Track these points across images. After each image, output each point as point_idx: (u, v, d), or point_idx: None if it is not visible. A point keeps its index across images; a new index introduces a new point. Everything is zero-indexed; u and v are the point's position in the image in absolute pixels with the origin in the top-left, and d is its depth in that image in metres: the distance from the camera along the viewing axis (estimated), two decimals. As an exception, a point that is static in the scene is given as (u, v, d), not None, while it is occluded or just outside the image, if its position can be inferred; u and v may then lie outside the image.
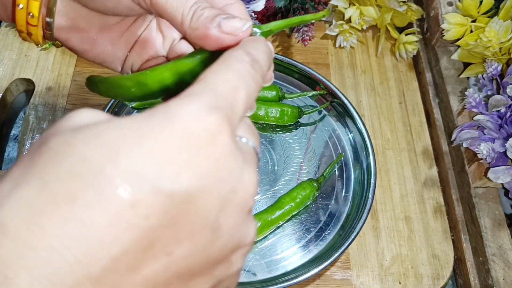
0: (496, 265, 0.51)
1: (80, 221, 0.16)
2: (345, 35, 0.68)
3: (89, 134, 0.17)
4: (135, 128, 0.18)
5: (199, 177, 0.18)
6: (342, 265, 0.53)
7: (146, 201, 0.17)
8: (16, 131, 0.63)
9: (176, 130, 0.18)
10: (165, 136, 0.18)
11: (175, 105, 0.19)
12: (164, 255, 0.18)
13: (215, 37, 0.26)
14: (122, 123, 0.18)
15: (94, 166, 0.17)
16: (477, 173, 0.54)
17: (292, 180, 0.56)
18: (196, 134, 0.18)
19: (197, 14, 0.27)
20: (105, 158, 0.17)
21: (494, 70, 0.55)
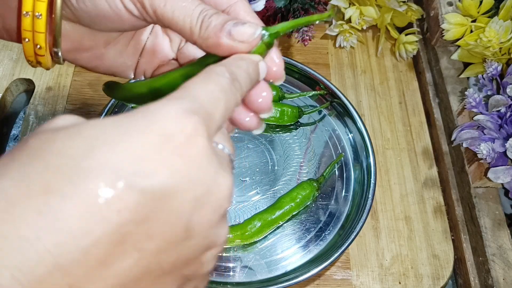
0: (496, 265, 0.51)
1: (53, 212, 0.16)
2: (345, 35, 0.68)
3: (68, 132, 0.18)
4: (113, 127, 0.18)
5: (174, 176, 0.19)
6: (342, 265, 0.53)
7: (119, 196, 0.17)
8: (16, 131, 0.63)
9: (153, 129, 0.19)
10: (142, 134, 0.18)
11: (154, 106, 0.19)
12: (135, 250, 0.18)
13: (227, 46, 0.26)
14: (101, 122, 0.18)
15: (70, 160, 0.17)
16: (477, 173, 0.54)
17: (292, 180, 0.56)
18: (173, 135, 0.19)
19: (205, 23, 0.27)
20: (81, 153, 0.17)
21: (494, 70, 0.55)
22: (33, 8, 0.26)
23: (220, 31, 0.26)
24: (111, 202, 0.17)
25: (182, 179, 0.19)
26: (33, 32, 0.27)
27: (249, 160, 0.57)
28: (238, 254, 0.51)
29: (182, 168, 0.19)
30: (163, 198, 0.18)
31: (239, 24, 0.26)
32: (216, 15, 0.27)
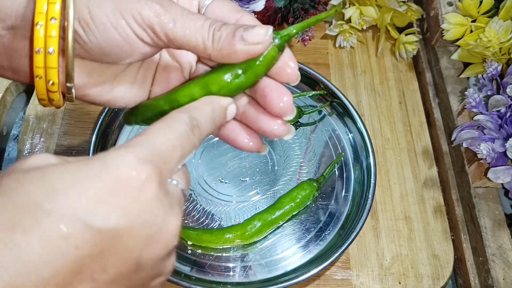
0: (496, 265, 0.51)
1: (17, 245, 0.19)
2: (345, 35, 0.68)
3: (36, 175, 0.21)
4: (75, 172, 0.21)
5: (127, 217, 0.21)
6: (342, 265, 0.53)
7: (77, 233, 0.20)
8: (16, 131, 0.63)
9: (110, 176, 0.21)
10: (99, 180, 0.21)
11: (113, 154, 0.22)
12: (91, 281, 0.21)
13: (243, 51, 0.27)
14: (65, 167, 0.21)
15: (35, 200, 0.20)
16: (477, 173, 0.54)
17: (292, 180, 0.56)
18: (127, 181, 0.21)
19: (216, 35, 0.28)
20: (46, 195, 0.20)
21: (494, 70, 0.55)
22: (45, 44, 0.27)
23: (233, 38, 0.27)
24: (69, 238, 0.19)
25: (135, 220, 0.21)
26: (46, 68, 0.27)
27: (249, 160, 0.57)
28: (238, 254, 0.51)
29: (135, 211, 0.21)
30: (116, 236, 0.21)
31: (249, 28, 0.27)
32: (225, 26, 0.28)
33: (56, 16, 0.26)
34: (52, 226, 0.19)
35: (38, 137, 0.58)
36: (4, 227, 0.19)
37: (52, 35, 0.26)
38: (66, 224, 0.20)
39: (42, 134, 0.59)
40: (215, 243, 0.50)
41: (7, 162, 0.60)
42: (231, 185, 0.56)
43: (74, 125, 0.59)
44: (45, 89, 0.28)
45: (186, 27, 0.28)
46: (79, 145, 0.58)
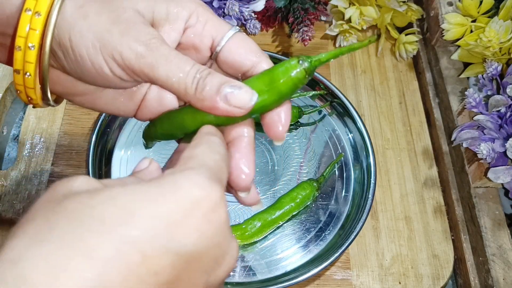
0: (496, 265, 0.51)
1: (97, 275, 0.18)
2: (345, 35, 0.68)
3: (105, 197, 0.20)
4: (147, 193, 0.20)
5: (202, 240, 0.21)
6: (342, 265, 0.53)
7: (156, 259, 0.19)
8: (16, 131, 0.63)
9: (184, 197, 0.21)
10: (173, 201, 0.20)
11: (181, 176, 0.21)
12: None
13: (223, 110, 0.27)
14: (134, 188, 0.20)
15: (111, 226, 0.19)
16: (477, 173, 0.54)
17: (292, 180, 0.56)
18: (201, 201, 0.21)
19: (200, 85, 0.27)
20: (121, 219, 0.19)
21: (494, 70, 0.55)
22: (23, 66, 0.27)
23: (216, 94, 0.26)
24: (148, 265, 0.19)
25: (209, 242, 0.21)
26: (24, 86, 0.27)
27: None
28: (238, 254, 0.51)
29: (209, 233, 0.21)
30: (192, 259, 0.20)
31: (236, 88, 0.26)
32: (211, 77, 0.27)
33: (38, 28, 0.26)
34: (131, 252, 0.18)
35: (38, 137, 0.58)
36: (82, 256, 0.18)
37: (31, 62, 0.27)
38: (145, 250, 0.19)
39: (42, 134, 0.59)
40: (215, 243, 0.50)
41: (7, 162, 0.60)
42: (231, 185, 0.56)
43: (74, 125, 0.59)
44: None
45: (169, 71, 0.27)
46: (79, 145, 0.58)
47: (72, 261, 0.17)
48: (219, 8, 0.60)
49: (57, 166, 0.57)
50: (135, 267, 0.18)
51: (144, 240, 0.19)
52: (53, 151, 0.57)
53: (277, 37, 0.70)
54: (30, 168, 0.56)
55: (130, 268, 0.18)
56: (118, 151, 0.57)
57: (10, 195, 0.54)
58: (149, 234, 0.19)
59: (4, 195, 0.54)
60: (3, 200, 0.54)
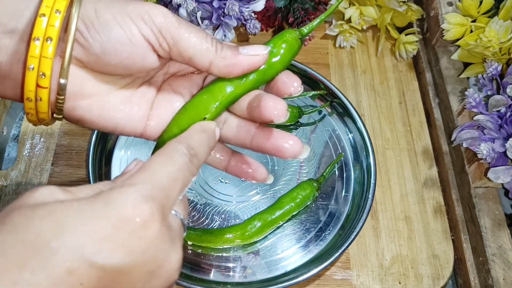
0: (496, 265, 0.51)
1: (27, 283, 0.19)
2: (345, 35, 0.68)
3: (44, 212, 0.21)
4: (81, 210, 0.22)
5: (131, 255, 0.22)
6: (342, 265, 0.53)
7: (82, 271, 0.21)
8: (16, 131, 0.63)
9: (114, 214, 0.22)
10: (104, 218, 0.22)
11: (116, 193, 0.23)
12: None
13: (247, 61, 0.29)
14: (71, 205, 0.22)
15: (44, 239, 0.20)
16: (477, 173, 0.54)
17: (292, 180, 0.56)
18: (131, 220, 0.22)
19: (219, 46, 0.29)
20: (53, 233, 0.21)
21: (494, 70, 0.55)
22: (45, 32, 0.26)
23: (237, 49, 0.29)
24: (75, 275, 0.20)
25: (138, 257, 0.22)
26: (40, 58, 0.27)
27: (249, 160, 0.57)
28: (238, 254, 0.51)
29: (138, 248, 0.22)
30: (121, 273, 0.22)
31: (250, 46, 0.30)
32: (226, 43, 0.30)
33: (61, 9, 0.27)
34: (59, 264, 0.20)
35: (38, 137, 0.58)
36: (14, 265, 0.20)
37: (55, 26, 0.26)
38: (72, 262, 0.20)
39: (42, 134, 0.59)
40: (215, 243, 0.50)
41: (7, 162, 0.60)
42: (231, 185, 0.56)
43: (74, 125, 0.59)
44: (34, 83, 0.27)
45: (192, 32, 0.29)
46: (79, 145, 0.58)
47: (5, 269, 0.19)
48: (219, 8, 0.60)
49: (57, 166, 0.57)
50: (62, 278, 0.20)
51: (71, 253, 0.20)
52: (53, 151, 0.57)
53: (277, 37, 0.70)
54: (30, 168, 0.56)
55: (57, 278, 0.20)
56: (118, 151, 0.57)
57: (10, 195, 0.54)
58: (77, 249, 0.21)
59: (4, 195, 0.54)
60: (3, 200, 0.54)
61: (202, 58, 0.29)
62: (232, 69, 0.29)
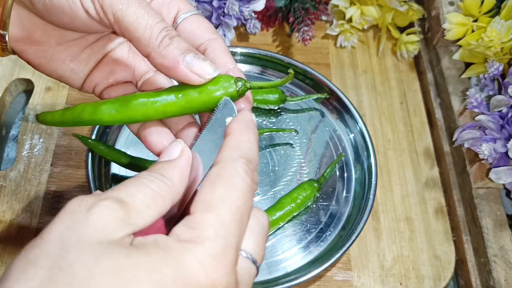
0: (497, 266, 0.51)
1: None
2: (346, 35, 0.67)
3: (108, 268, 0.19)
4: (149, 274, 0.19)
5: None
6: (343, 266, 0.53)
7: None
8: (16, 131, 0.62)
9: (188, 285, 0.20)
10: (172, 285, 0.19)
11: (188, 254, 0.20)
12: None
13: (183, 73, 0.27)
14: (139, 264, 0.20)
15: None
16: (478, 173, 0.54)
17: (293, 180, 0.56)
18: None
19: (165, 41, 0.27)
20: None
21: (496, 70, 0.54)
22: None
23: (180, 55, 0.27)
24: None
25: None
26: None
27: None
28: (238, 255, 0.51)
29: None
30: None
31: (200, 58, 0.27)
32: (178, 39, 0.27)
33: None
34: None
35: (38, 138, 0.58)
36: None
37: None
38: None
39: (41, 135, 0.58)
40: (215, 244, 0.50)
41: (6, 162, 0.60)
42: (232, 185, 0.55)
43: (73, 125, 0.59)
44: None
45: (138, 14, 0.26)
46: (78, 145, 0.58)
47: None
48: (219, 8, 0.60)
49: (56, 166, 0.56)
50: None
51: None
52: (52, 151, 0.57)
53: (277, 37, 0.70)
54: (29, 168, 0.56)
55: None
56: (117, 151, 0.57)
57: (9, 195, 0.54)
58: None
59: (3, 196, 0.54)
60: (2, 200, 0.53)
61: (141, 47, 0.27)
62: (167, 71, 0.28)
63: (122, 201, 0.22)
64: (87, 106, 0.31)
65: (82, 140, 0.54)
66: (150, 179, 0.23)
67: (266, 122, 0.60)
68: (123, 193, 0.22)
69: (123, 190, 0.22)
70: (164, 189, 0.23)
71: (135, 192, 0.22)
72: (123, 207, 0.22)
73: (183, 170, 0.25)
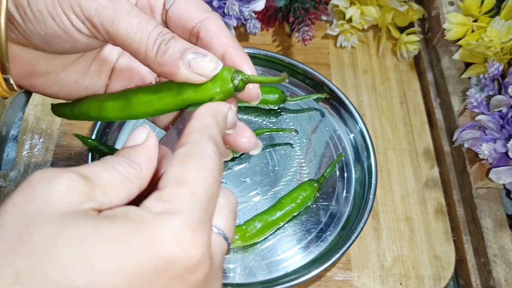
0: (497, 266, 0.51)
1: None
2: (346, 35, 0.67)
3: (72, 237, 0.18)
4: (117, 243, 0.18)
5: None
6: (343, 266, 0.53)
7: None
8: (15, 131, 0.62)
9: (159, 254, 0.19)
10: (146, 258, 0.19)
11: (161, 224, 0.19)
12: None
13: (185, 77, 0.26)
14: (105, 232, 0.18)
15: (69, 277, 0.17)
16: (478, 173, 0.54)
17: (293, 180, 0.56)
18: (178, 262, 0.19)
19: (162, 48, 0.26)
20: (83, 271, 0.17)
21: (496, 70, 0.54)
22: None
23: (178, 59, 0.26)
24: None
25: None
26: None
27: (250, 160, 0.57)
28: (238, 255, 0.51)
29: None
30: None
31: (200, 55, 0.26)
32: (174, 41, 0.26)
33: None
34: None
35: (38, 138, 0.58)
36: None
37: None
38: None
39: (41, 135, 0.58)
40: (215, 244, 0.50)
41: (6, 162, 0.60)
42: (231, 185, 0.55)
43: (73, 125, 0.59)
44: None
45: (130, 28, 0.25)
46: (78, 145, 0.58)
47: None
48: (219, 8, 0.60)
49: (57, 166, 0.56)
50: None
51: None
52: (52, 152, 0.57)
53: (277, 37, 0.70)
54: (29, 168, 0.56)
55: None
56: (117, 151, 0.57)
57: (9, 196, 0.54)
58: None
59: (3, 196, 0.54)
60: (2, 201, 0.53)
61: (140, 59, 0.27)
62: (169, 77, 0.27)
63: (87, 177, 0.21)
64: (93, 103, 0.31)
65: (82, 140, 0.54)
66: (116, 162, 0.22)
67: (266, 122, 0.60)
68: (88, 170, 0.21)
69: (88, 168, 0.21)
70: (131, 173, 0.22)
71: (101, 172, 0.21)
72: (87, 182, 0.20)
73: (150, 155, 0.24)
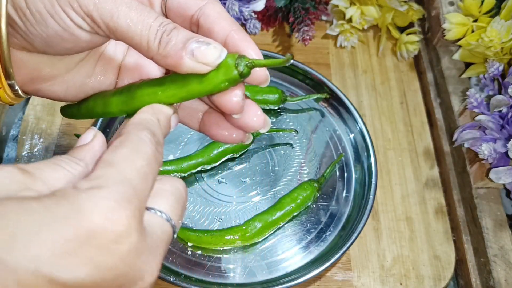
0: (497, 266, 0.51)
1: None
2: (346, 35, 0.67)
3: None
4: (41, 215, 0.18)
5: (99, 271, 0.19)
6: (343, 266, 0.53)
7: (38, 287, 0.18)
8: (15, 131, 0.62)
9: (82, 225, 0.19)
10: (69, 228, 0.19)
11: (85, 197, 0.20)
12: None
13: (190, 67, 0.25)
14: (30, 206, 0.18)
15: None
16: (478, 173, 0.54)
17: (293, 180, 0.56)
18: (103, 232, 0.19)
19: (164, 40, 0.25)
20: (4, 242, 0.17)
21: (496, 70, 0.54)
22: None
23: (181, 49, 0.25)
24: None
25: (106, 273, 0.20)
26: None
27: (250, 160, 0.57)
28: (238, 255, 0.51)
29: (108, 264, 0.19)
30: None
31: (203, 44, 0.25)
32: (176, 31, 0.26)
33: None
34: (9, 280, 0.17)
35: (37, 138, 0.58)
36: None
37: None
38: (25, 278, 0.17)
39: (41, 135, 0.58)
40: (215, 244, 0.50)
41: (6, 162, 0.60)
42: (231, 185, 0.55)
43: (73, 125, 0.59)
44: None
45: (131, 21, 0.25)
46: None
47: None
48: (219, 8, 0.60)
49: (57, 166, 0.56)
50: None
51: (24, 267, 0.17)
52: (52, 152, 0.57)
53: (277, 37, 0.70)
54: (29, 168, 0.56)
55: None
56: (117, 151, 0.57)
57: None
58: (32, 262, 0.18)
59: (3, 196, 0.54)
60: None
61: (142, 52, 0.26)
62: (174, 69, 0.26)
63: (27, 171, 0.21)
64: (98, 99, 0.31)
65: None
66: (61, 160, 0.23)
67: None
68: (30, 166, 0.21)
69: (31, 164, 0.22)
70: (77, 169, 0.23)
71: (43, 167, 0.22)
72: (27, 175, 0.21)
73: (95, 152, 0.25)
